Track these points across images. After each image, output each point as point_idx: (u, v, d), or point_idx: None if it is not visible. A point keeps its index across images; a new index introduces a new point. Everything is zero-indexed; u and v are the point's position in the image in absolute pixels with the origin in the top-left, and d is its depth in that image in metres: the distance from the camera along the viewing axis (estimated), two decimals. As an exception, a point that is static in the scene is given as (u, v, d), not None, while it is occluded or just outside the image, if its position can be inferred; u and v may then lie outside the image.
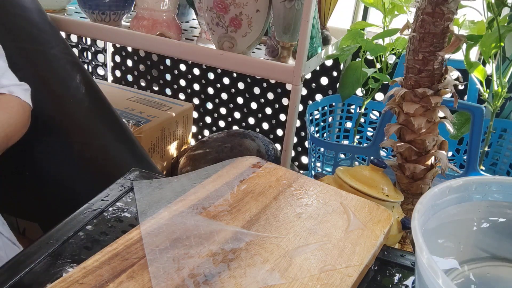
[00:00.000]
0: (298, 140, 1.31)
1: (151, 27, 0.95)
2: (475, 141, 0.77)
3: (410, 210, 0.70)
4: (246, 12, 0.81)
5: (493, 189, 0.42)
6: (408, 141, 0.67)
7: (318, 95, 1.24)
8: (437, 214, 0.41)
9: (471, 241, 0.44)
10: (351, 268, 0.42)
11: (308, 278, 0.40)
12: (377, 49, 0.93)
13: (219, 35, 0.85)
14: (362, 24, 0.99)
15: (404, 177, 0.69)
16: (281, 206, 0.51)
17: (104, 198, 0.53)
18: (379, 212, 0.52)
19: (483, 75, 0.80)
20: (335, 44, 1.02)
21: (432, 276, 0.30)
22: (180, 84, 1.45)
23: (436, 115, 0.65)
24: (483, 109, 0.75)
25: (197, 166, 1.09)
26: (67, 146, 0.86)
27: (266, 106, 1.33)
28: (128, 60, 1.52)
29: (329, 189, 0.55)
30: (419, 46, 0.62)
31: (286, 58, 0.87)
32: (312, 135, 0.97)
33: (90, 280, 0.38)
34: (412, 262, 0.48)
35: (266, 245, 0.44)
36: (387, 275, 0.46)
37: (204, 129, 1.48)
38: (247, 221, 0.47)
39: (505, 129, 0.96)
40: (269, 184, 0.54)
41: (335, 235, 0.47)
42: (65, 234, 0.47)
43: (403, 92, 0.65)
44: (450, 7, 0.59)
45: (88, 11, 0.99)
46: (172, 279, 0.39)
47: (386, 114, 0.82)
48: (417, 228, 0.34)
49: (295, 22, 0.81)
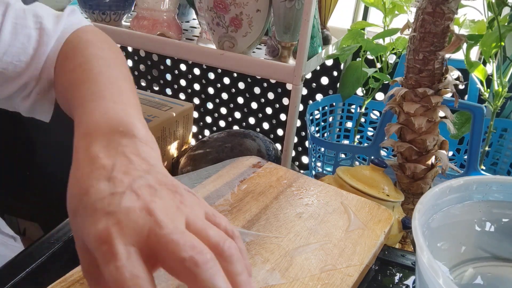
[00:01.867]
0: (298, 140, 1.31)
1: (151, 27, 0.95)
2: (476, 141, 0.77)
3: (410, 210, 0.70)
4: (247, 12, 0.81)
5: (494, 189, 0.42)
6: (408, 140, 0.67)
7: (318, 95, 1.24)
8: (437, 214, 0.41)
9: (471, 241, 0.44)
10: (351, 268, 0.42)
11: (309, 278, 0.40)
12: (377, 48, 0.93)
13: (219, 35, 0.85)
14: (363, 24, 0.99)
15: (404, 177, 0.69)
16: (281, 206, 0.51)
17: (104, 198, 0.53)
18: (379, 212, 0.52)
19: (483, 75, 0.80)
20: (336, 44, 1.02)
21: (432, 275, 0.30)
22: (180, 84, 1.45)
23: (436, 114, 0.65)
24: (483, 109, 0.75)
25: (198, 166, 1.09)
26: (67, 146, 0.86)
27: (266, 106, 1.33)
28: (129, 60, 1.52)
29: (330, 189, 0.55)
30: (420, 46, 0.62)
31: (287, 58, 0.87)
32: (312, 135, 0.97)
33: (90, 280, 0.38)
34: (413, 261, 0.48)
35: (266, 245, 0.44)
36: (387, 275, 0.46)
37: (205, 129, 1.48)
38: (248, 221, 0.47)
39: (506, 129, 0.96)
40: (270, 184, 0.55)
41: (336, 235, 0.47)
42: (66, 234, 0.47)
43: (403, 92, 0.65)
44: (451, 7, 0.59)
45: (89, 11, 0.99)
46: (173, 279, 0.39)
47: (386, 113, 0.82)
48: (417, 228, 0.34)
49: (296, 22, 0.81)
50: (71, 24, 0.51)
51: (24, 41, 0.48)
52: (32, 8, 0.49)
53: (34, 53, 0.48)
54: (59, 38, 0.50)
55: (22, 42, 0.48)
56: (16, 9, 0.48)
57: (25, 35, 0.48)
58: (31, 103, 0.51)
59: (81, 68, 0.44)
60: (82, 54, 0.46)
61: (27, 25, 0.48)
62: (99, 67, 0.44)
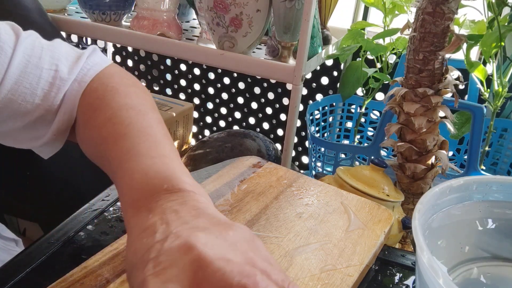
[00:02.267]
0: (298, 140, 1.31)
1: (151, 27, 0.95)
2: (476, 141, 0.77)
3: (410, 210, 0.70)
4: (247, 12, 0.81)
5: (494, 189, 0.42)
6: (408, 140, 0.67)
7: (318, 95, 1.24)
8: (437, 214, 0.41)
9: (471, 240, 0.44)
10: (351, 268, 0.42)
11: (309, 278, 0.40)
12: (377, 48, 0.93)
13: (219, 35, 0.85)
14: (363, 24, 0.99)
15: (404, 177, 0.69)
16: (281, 206, 0.51)
17: (104, 198, 0.53)
18: (379, 212, 0.52)
19: (483, 75, 0.80)
20: (336, 44, 1.02)
21: (432, 275, 0.30)
22: (180, 84, 1.45)
23: (436, 114, 0.65)
24: (483, 109, 0.75)
25: (198, 166, 1.09)
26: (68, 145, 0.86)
27: (266, 106, 1.33)
28: (129, 60, 1.52)
29: (330, 189, 0.55)
30: (420, 46, 0.62)
31: (287, 58, 0.87)
32: (312, 135, 0.97)
33: (90, 280, 0.38)
34: (413, 261, 0.48)
35: (266, 245, 0.44)
36: (387, 275, 0.46)
37: (205, 129, 1.48)
38: (248, 221, 0.47)
39: (506, 129, 0.96)
40: (270, 184, 0.55)
41: (336, 235, 0.47)
42: (66, 234, 0.47)
43: (403, 92, 0.65)
44: (451, 7, 0.59)
45: (89, 11, 0.99)
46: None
47: (386, 113, 0.82)
48: (417, 228, 0.34)
49: (296, 22, 0.81)
50: (93, 65, 0.49)
51: (33, 82, 0.45)
52: (51, 48, 0.47)
53: (43, 96, 0.46)
54: (79, 81, 0.47)
55: (30, 83, 0.45)
56: (35, 46, 0.46)
57: (35, 75, 0.45)
58: (44, 142, 0.49)
59: (111, 122, 0.43)
60: (110, 106, 0.45)
61: (40, 65, 0.46)
62: (129, 119, 0.42)
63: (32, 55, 0.45)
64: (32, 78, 0.45)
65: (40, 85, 0.45)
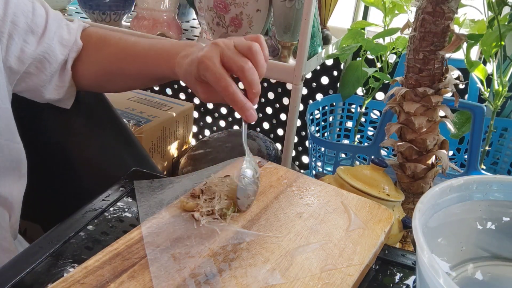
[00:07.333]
0: (298, 139, 1.31)
1: (151, 27, 0.95)
2: (476, 140, 0.77)
3: (411, 209, 0.70)
4: (247, 11, 0.81)
5: (494, 188, 0.42)
6: (408, 140, 0.67)
7: (318, 94, 1.24)
8: (438, 213, 0.41)
9: (472, 240, 0.44)
10: (352, 267, 0.42)
11: (309, 277, 0.40)
12: (377, 48, 0.93)
13: (219, 35, 0.85)
14: (363, 24, 0.99)
15: (404, 177, 0.69)
16: (282, 205, 0.51)
17: (105, 198, 0.53)
18: (380, 211, 0.52)
19: (483, 74, 0.80)
20: (336, 43, 1.02)
21: (433, 275, 0.30)
22: (180, 84, 1.45)
23: (436, 114, 0.65)
24: (483, 108, 0.75)
25: (198, 166, 1.09)
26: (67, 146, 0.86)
27: (266, 106, 1.33)
28: (129, 60, 1.52)
29: (330, 188, 0.55)
30: (420, 45, 0.62)
31: (287, 58, 0.87)
32: (312, 135, 0.97)
33: (91, 280, 0.38)
34: (413, 261, 0.48)
35: (267, 244, 0.44)
36: (388, 275, 0.46)
37: (205, 129, 1.48)
38: (248, 220, 0.48)
39: (506, 128, 0.96)
40: (270, 184, 0.55)
41: (336, 235, 0.47)
42: (66, 234, 0.47)
43: (403, 92, 0.65)
44: (451, 6, 0.59)
45: (89, 11, 0.99)
46: (173, 279, 0.39)
47: (386, 113, 0.82)
48: (418, 227, 0.34)
49: (296, 21, 0.81)
50: (77, 22, 0.68)
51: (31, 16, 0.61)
52: None
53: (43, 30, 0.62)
54: (70, 25, 0.66)
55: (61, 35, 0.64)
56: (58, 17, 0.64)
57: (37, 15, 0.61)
58: (66, 89, 0.66)
59: (122, 40, 0.65)
60: (114, 35, 0.66)
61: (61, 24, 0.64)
62: (135, 38, 0.65)
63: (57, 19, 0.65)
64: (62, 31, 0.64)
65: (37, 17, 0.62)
